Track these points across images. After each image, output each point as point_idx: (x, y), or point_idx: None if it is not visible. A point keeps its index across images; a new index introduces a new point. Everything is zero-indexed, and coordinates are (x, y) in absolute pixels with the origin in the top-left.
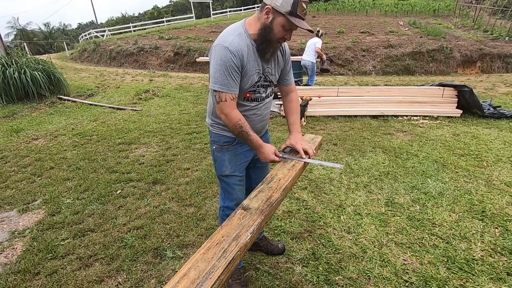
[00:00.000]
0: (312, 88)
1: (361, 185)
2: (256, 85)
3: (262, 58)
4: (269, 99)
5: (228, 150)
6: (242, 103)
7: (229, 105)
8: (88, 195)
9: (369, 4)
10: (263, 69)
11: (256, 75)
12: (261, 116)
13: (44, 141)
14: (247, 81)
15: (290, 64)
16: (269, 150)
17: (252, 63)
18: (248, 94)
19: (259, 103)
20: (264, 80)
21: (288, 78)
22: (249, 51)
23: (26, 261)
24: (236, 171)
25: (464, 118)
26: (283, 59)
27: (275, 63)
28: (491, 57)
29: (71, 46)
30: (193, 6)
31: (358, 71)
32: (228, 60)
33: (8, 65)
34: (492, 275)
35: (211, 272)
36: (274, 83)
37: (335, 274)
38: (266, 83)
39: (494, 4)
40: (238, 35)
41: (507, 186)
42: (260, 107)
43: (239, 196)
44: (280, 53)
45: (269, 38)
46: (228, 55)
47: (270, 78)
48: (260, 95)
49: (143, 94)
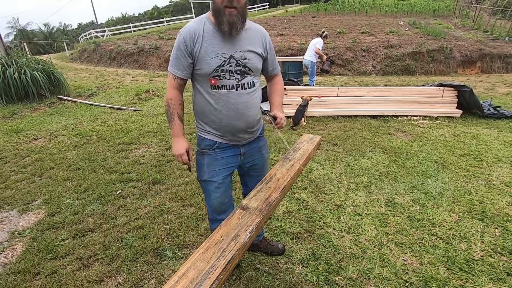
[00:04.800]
0: (312, 88)
1: (361, 185)
2: (220, 69)
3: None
4: (249, 91)
5: (207, 154)
6: (209, 92)
7: (169, 83)
8: (88, 195)
9: (369, 4)
10: (231, 52)
11: (217, 59)
12: (235, 110)
13: (44, 141)
14: (206, 66)
15: (273, 53)
16: (180, 146)
17: (210, 46)
18: (213, 80)
19: (229, 91)
20: (236, 65)
21: (272, 69)
22: (206, 34)
23: (26, 261)
24: (214, 177)
25: (464, 118)
26: (263, 45)
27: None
28: (491, 57)
29: (71, 46)
30: (193, 6)
31: (358, 71)
32: (178, 44)
33: (8, 65)
34: (492, 275)
35: (210, 272)
36: (253, 71)
37: (335, 274)
38: (239, 68)
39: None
40: (197, 20)
41: (507, 186)
42: (231, 97)
43: (216, 206)
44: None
45: (216, 8)
46: (178, 39)
47: (243, 63)
48: (229, 81)
49: (143, 94)
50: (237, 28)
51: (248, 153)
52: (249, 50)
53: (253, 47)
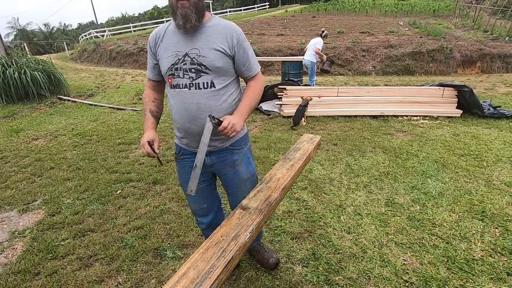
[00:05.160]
0: (312, 88)
1: (361, 185)
2: (174, 68)
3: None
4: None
5: (177, 161)
6: (170, 91)
7: (146, 85)
8: (88, 195)
9: (369, 4)
10: (187, 50)
11: (172, 57)
12: (187, 111)
13: (44, 141)
14: (163, 64)
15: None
16: (145, 137)
17: (167, 45)
18: (169, 79)
19: (182, 91)
20: (190, 63)
21: (244, 70)
22: (167, 34)
23: (26, 261)
24: (184, 183)
25: (464, 118)
26: (228, 42)
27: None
28: (491, 57)
29: (71, 46)
30: None
31: (358, 71)
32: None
33: (8, 65)
34: (492, 275)
35: (210, 272)
36: (212, 70)
37: (335, 274)
38: (194, 67)
39: (494, 4)
40: (165, 23)
41: (507, 186)
42: (184, 96)
43: (194, 210)
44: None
45: (170, 3)
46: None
47: (199, 61)
48: (182, 80)
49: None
50: (191, 21)
51: (217, 166)
52: (207, 47)
53: (213, 44)
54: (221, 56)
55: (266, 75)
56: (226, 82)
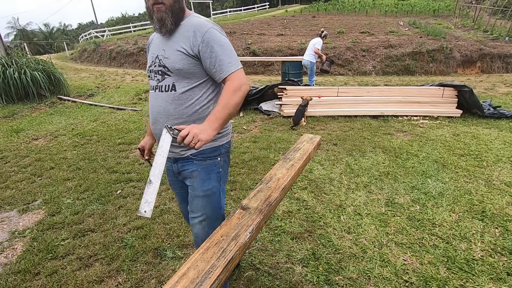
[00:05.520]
0: (312, 88)
1: (361, 185)
2: (149, 70)
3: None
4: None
5: None
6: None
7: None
8: (88, 195)
9: (369, 4)
10: (158, 52)
11: (150, 59)
12: (152, 113)
13: (44, 141)
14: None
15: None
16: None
17: (151, 48)
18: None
19: (151, 92)
20: (158, 65)
21: (214, 71)
22: (154, 38)
23: (26, 261)
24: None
25: (464, 118)
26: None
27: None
28: (491, 57)
29: (71, 46)
30: (193, 6)
31: (358, 71)
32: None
33: (8, 65)
34: (492, 275)
35: (210, 272)
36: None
37: (335, 274)
38: (160, 68)
39: (494, 4)
40: None
41: (507, 186)
42: (152, 98)
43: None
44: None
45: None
46: None
47: (163, 63)
48: (152, 82)
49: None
50: (166, 25)
51: (182, 175)
52: (171, 48)
53: (176, 45)
54: (182, 57)
55: (266, 75)
56: (191, 85)
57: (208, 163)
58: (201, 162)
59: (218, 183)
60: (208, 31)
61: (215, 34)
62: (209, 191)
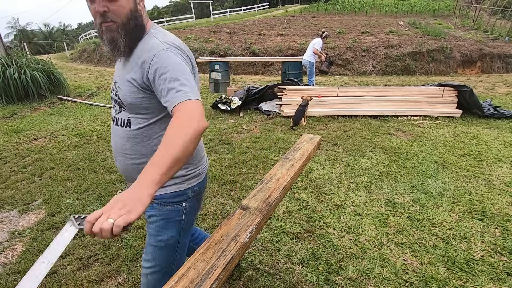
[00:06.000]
0: (312, 88)
1: (361, 185)
2: (111, 96)
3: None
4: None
5: None
6: None
7: None
8: (88, 195)
9: (369, 4)
10: (115, 78)
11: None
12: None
13: (44, 141)
14: None
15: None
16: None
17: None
18: None
19: (112, 122)
20: (115, 93)
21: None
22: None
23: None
24: None
25: (464, 118)
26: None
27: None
28: (491, 57)
29: (71, 46)
30: (193, 6)
31: (358, 71)
32: None
33: (8, 65)
34: (492, 275)
35: (210, 272)
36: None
37: (335, 274)
38: (116, 98)
39: (494, 4)
40: None
41: (507, 186)
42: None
43: None
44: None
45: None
46: None
47: (117, 93)
48: (113, 111)
49: None
50: (119, 48)
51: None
52: (123, 77)
53: (128, 73)
54: (132, 89)
55: (266, 75)
56: (147, 122)
57: (168, 209)
58: (160, 207)
59: (178, 234)
60: (157, 55)
61: (167, 56)
62: (163, 243)
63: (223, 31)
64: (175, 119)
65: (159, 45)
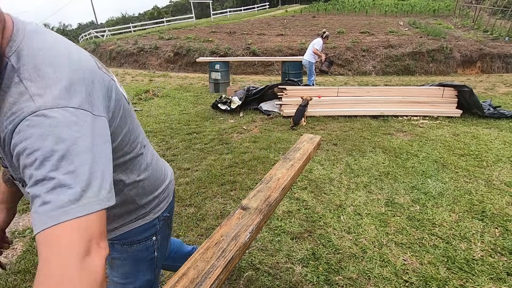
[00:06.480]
0: (312, 88)
1: (361, 185)
2: None
3: None
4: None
5: None
6: None
7: None
8: None
9: (369, 4)
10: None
11: None
12: None
13: None
14: None
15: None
16: None
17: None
18: None
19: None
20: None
21: (27, 192)
22: None
23: (26, 261)
24: None
25: (464, 118)
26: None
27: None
28: (491, 57)
29: None
30: (193, 6)
31: (358, 71)
32: None
33: None
34: (492, 275)
35: (210, 272)
36: (14, 175)
37: (335, 274)
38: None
39: (494, 4)
40: None
41: (507, 186)
42: None
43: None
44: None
45: None
46: None
47: (5, 164)
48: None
49: (143, 94)
50: None
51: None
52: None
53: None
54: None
55: (266, 75)
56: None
57: (136, 249)
58: (125, 248)
59: (152, 274)
60: (25, 122)
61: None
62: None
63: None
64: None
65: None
